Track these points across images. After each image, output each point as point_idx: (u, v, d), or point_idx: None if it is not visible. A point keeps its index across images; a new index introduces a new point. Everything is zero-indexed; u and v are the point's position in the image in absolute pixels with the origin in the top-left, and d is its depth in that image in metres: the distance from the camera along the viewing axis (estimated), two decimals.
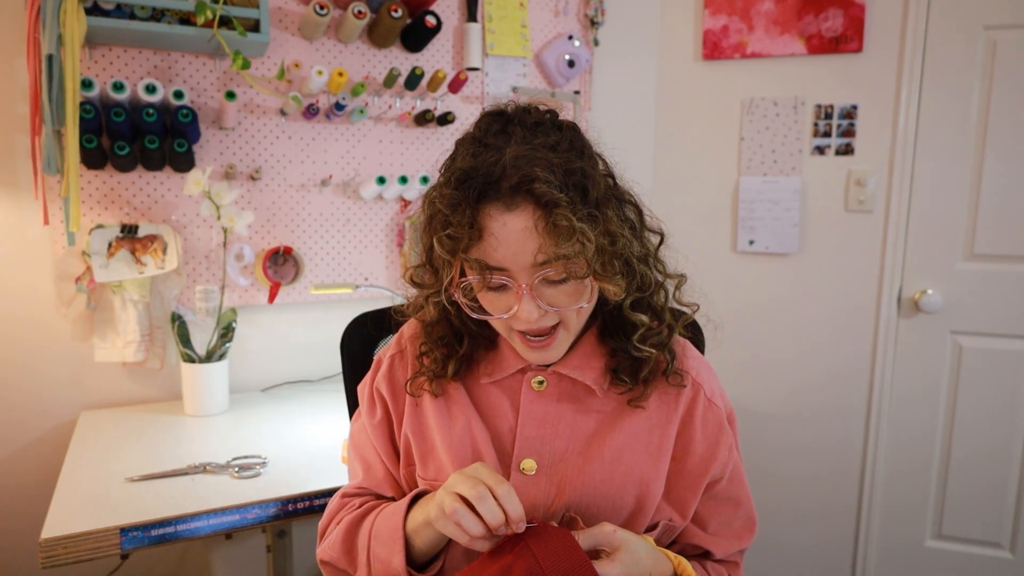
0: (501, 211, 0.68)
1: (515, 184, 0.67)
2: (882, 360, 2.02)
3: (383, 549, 0.77)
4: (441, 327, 0.83)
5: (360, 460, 0.91)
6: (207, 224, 1.63)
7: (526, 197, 0.68)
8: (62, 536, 0.98)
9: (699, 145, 2.13)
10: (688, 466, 0.81)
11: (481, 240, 0.69)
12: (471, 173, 0.69)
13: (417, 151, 1.83)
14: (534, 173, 0.67)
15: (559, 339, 0.76)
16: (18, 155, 1.47)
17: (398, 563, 0.75)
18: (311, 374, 1.81)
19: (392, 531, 0.77)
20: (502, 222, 0.68)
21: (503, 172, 0.68)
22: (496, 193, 0.68)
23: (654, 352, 0.79)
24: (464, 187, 0.69)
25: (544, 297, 0.72)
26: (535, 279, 0.70)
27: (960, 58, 1.86)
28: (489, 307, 0.75)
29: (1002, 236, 1.89)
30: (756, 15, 2.01)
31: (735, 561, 0.88)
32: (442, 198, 0.71)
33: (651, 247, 0.79)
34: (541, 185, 0.66)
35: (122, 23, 1.37)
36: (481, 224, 0.69)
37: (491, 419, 0.82)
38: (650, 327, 0.78)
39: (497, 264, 0.70)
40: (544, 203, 0.67)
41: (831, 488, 2.12)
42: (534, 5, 1.94)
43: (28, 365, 1.53)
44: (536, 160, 0.68)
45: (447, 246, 0.70)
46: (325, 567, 0.85)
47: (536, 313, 0.71)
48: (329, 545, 0.85)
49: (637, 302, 0.78)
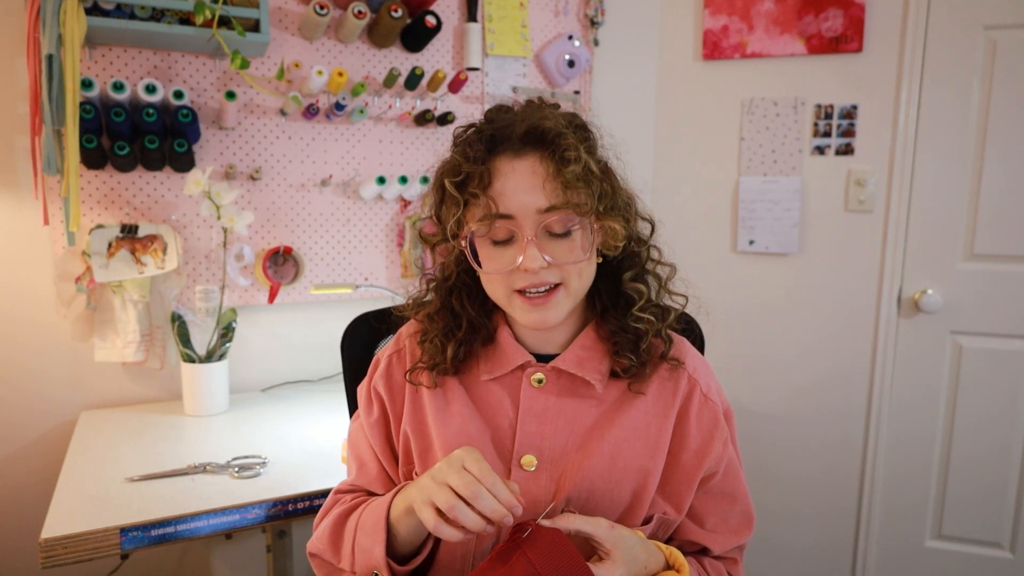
0: (510, 158, 0.74)
1: (524, 132, 0.74)
2: (882, 360, 2.02)
3: (366, 539, 0.77)
4: (443, 315, 0.85)
5: (355, 458, 0.92)
6: (207, 224, 1.63)
7: (534, 145, 0.74)
8: (62, 536, 0.98)
9: (699, 145, 2.13)
10: (683, 460, 0.82)
11: (490, 186, 0.74)
12: (483, 130, 0.76)
13: (417, 151, 1.83)
14: (542, 116, 0.75)
15: (559, 298, 0.77)
16: (18, 155, 1.47)
17: (379, 553, 0.75)
18: (311, 374, 1.81)
19: (376, 521, 0.77)
20: (510, 168, 0.74)
21: (512, 126, 0.75)
22: (506, 144, 0.75)
23: (654, 321, 0.81)
24: (476, 140, 0.75)
25: (547, 250, 0.75)
26: (540, 227, 0.74)
27: (960, 58, 1.86)
28: (492, 264, 0.77)
29: (1002, 236, 1.89)
30: (756, 15, 2.01)
31: (733, 558, 0.88)
32: (455, 149, 0.77)
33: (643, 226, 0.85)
34: (548, 123, 0.73)
35: (122, 23, 1.37)
36: (491, 170, 0.74)
37: (491, 416, 0.83)
38: (649, 297, 0.82)
39: (504, 211, 0.73)
40: (550, 139, 0.73)
41: (831, 488, 2.12)
42: (534, 5, 1.94)
43: (28, 365, 1.53)
44: (545, 112, 0.77)
45: (458, 189, 0.75)
46: (313, 559, 0.86)
47: (539, 260, 0.74)
48: (317, 537, 0.86)
49: (636, 276, 0.82)
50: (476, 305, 0.85)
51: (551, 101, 0.82)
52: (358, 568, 0.78)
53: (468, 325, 0.84)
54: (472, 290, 0.85)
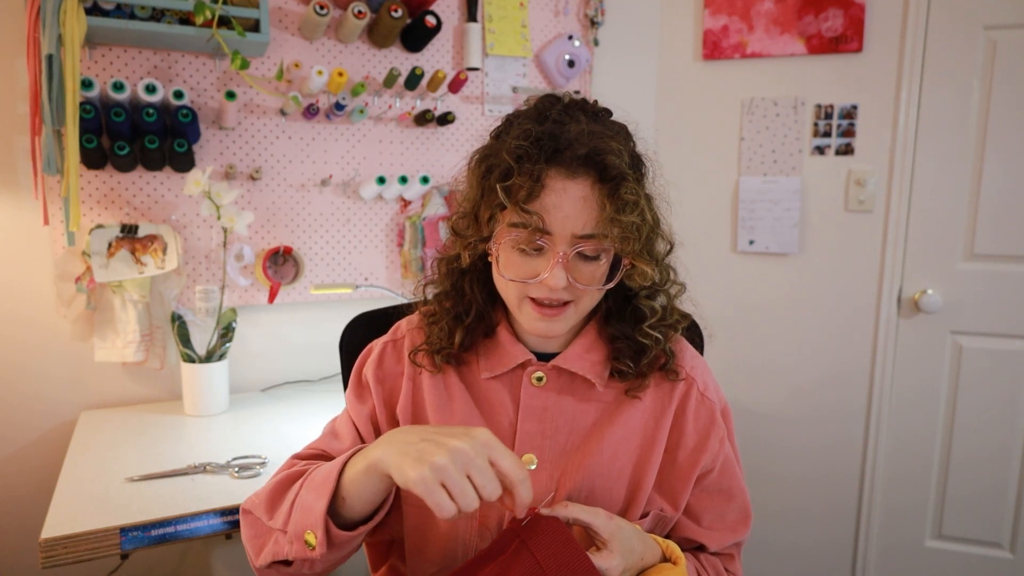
0: (563, 177, 0.72)
1: (583, 155, 0.71)
2: (882, 360, 2.02)
3: (310, 495, 0.71)
4: (452, 297, 0.84)
5: (330, 429, 0.89)
6: (207, 224, 1.63)
7: (590, 170, 0.72)
8: (62, 536, 0.98)
9: (699, 145, 2.13)
10: (679, 458, 0.83)
11: (539, 199, 0.72)
12: (541, 135, 0.72)
13: (417, 151, 1.83)
14: (607, 146, 0.71)
15: (568, 314, 0.77)
16: (18, 155, 1.47)
17: (319, 509, 0.68)
18: (311, 374, 1.81)
19: (325, 477, 0.70)
20: (562, 187, 0.72)
21: (571, 142, 0.71)
22: (561, 159, 0.71)
23: (661, 339, 0.81)
24: (533, 147, 0.71)
25: (572, 270, 0.74)
26: (573, 250, 0.73)
27: (960, 58, 1.86)
28: (513, 270, 0.76)
29: (1002, 236, 1.89)
30: (756, 15, 2.01)
31: (731, 554, 0.89)
32: (509, 150, 0.73)
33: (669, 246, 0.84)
34: (613, 158, 0.71)
35: (122, 23, 1.37)
36: (543, 184, 0.72)
37: (491, 415, 0.83)
38: (662, 316, 0.82)
39: (545, 227, 0.72)
40: (611, 176, 0.71)
41: (831, 488, 2.12)
42: (534, 5, 1.94)
43: (28, 365, 1.53)
44: (606, 138, 0.73)
45: (504, 195, 0.72)
46: (244, 517, 0.80)
47: (563, 282, 0.73)
48: (255, 494, 0.80)
49: (652, 293, 0.81)
50: (484, 293, 0.84)
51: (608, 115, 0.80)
52: (291, 526, 0.71)
53: (476, 313, 0.84)
54: (482, 275, 0.84)
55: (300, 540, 0.70)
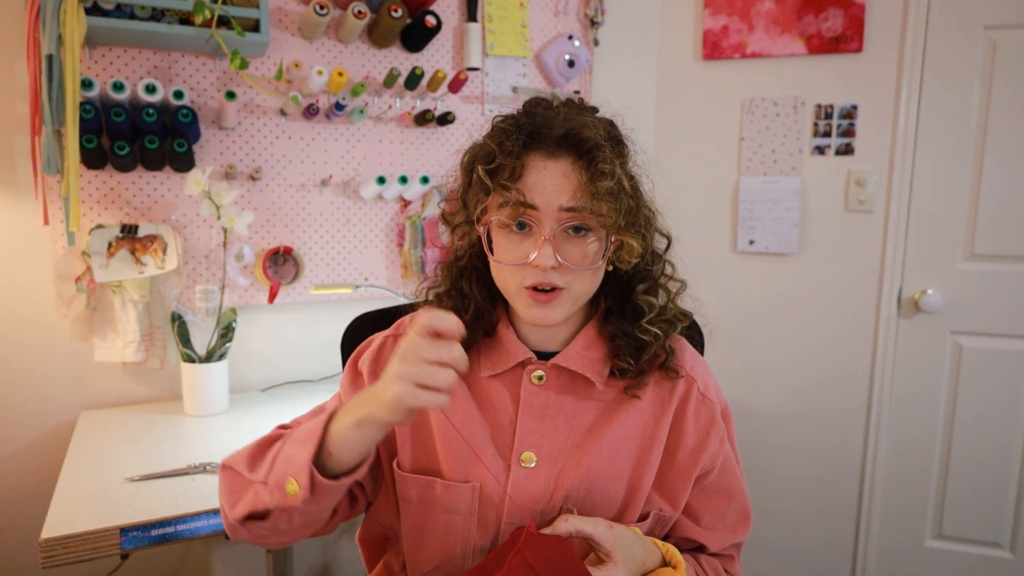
0: (544, 157, 0.75)
1: (561, 135, 0.74)
2: (882, 360, 2.02)
3: (294, 448, 0.71)
4: (452, 296, 0.85)
5: (318, 408, 0.87)
6: (207, 224, 1.63)
7: (569, 149, 0.75)
8: (62, 536, 0.98)
9: (699, 145, 2.13)
10: (679, 458, 0.83)
11: (520, 179, 0.75)
12: (522, 124, 0.76)
13: (417, 151, 1.83)
14: (583, 122, 0.75)
15: (562, 300, 0.78)
16: (18, 155, 1.47)
17: (304, 456, 0.68)
18: (311, 374, 1.81)
19: (311, 431, 0.70)
20: (543, 165, 0.75)
21: (551, 125, 0.75)
22: (542, 142, 0.75)
23: (661, 335, 0.81)
24: (515, 133, 0.75)
25: (562, 250, 0.75)
26: (559, 226, 0.75)
27: (960, 58, 1.86)
28: (506, 255, 0.78)
29: (1002, 236, 1.89)
30: (756, 15, 2.01)
31: (730, 555, 0.89)
32: (491, 136, 0.78)
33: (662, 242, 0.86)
34: (588, 131, 0.74)
35: (122, 23, 1.37)
36: (524, 164, 0.75)
37: (491, 413, 0.83)
38: (660, 311, 0.83)
39: (530, 202, 0.74)
40: (588, 149, 0.74)
41: (831, 488, 2.12)
42: (534, 5, 1.94)
43: (28, 365, 1.53)
44: (584, 118, 0.77)
45: (487, 177, 0.75)
46: (223, 472, 0.81)
47: (551, 260, 0.74)
48: (237, 451, 0.80)
49: (649, 288, 0.82)
50: (483, 291, 0.85)
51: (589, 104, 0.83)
52: (272, 476, 0.71)
53: (475, 311, 0.84)
54: (481, 275, 0.85)
55: (281, 489, 0.70)
